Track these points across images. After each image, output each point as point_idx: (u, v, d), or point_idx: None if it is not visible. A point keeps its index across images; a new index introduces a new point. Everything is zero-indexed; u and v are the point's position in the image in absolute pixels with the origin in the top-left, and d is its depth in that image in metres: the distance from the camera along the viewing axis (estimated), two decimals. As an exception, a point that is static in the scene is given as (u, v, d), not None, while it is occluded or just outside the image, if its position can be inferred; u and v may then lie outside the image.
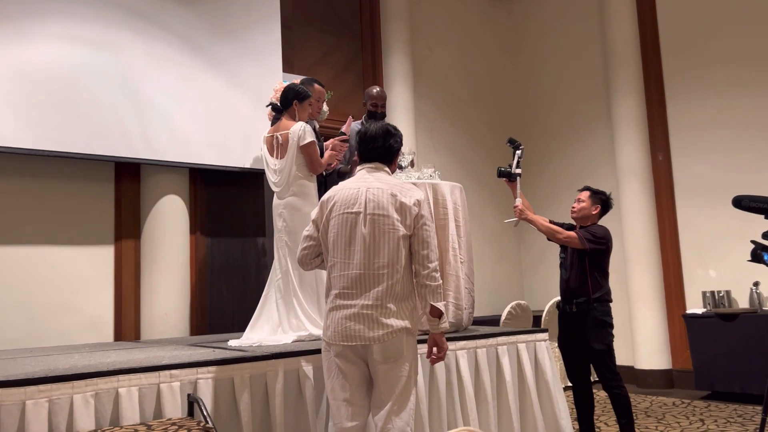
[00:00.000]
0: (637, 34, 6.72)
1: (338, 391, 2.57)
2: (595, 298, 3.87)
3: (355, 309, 2.52)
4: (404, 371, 2.54)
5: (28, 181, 4.84)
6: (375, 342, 2.49)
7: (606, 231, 3.97)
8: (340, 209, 2.63)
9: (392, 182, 2.69)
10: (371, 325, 2.50)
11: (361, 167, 2.78)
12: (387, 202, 2.59)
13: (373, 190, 2.63)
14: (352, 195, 2.64)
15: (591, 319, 3.86)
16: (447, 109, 7.64)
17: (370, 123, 2.83)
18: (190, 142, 5.25)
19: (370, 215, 2.58)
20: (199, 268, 5.52)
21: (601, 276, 3.92)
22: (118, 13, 5.04)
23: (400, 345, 2.53)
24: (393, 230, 2.57)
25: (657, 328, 6.32)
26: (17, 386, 2.35)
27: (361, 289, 2.54)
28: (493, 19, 8.24)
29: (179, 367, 2.70)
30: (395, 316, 2.52)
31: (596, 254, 3.89)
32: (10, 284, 4.66)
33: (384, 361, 2.52)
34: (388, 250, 2.55)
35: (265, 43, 5.73)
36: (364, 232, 2.56)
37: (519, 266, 8.04)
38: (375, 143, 2.74)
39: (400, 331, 2.52)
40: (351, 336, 2.51)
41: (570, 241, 3.92)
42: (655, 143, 6.59)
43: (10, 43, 4.56)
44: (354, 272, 2.56)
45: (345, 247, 2.59)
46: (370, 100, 4.76)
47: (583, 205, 4.05)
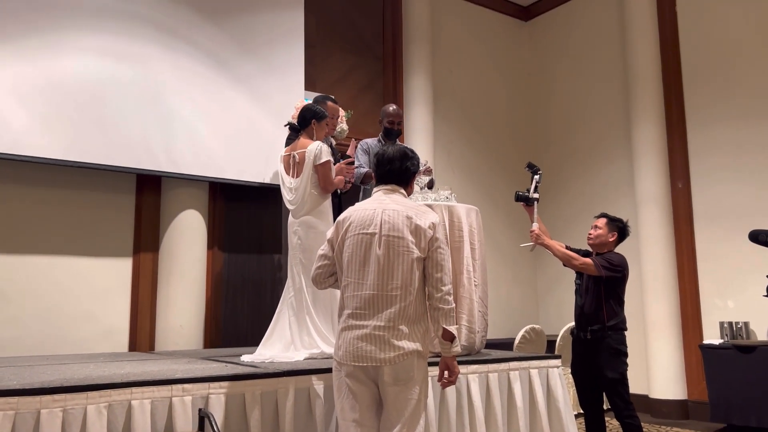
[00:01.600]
0: (659, 60, 6.71)
1: (348, 412, 2.56)
2: (610, 326, 3.85)
3: (367, 330, 2.53)
4: (414, 394, 2.54)
5: (52, 190, 4.93)
6: (386, 364, 2.49)
7: (622, 259, 3.95)
8: (356, 230, 2.65)
9: (408, 204, 2.71)
10: (382, 346, 2.50)
11: (377, 189, 2.80)
12: (402, 224, 2.60)
13: (389, 211, 2.64)
14: (368, 216, 2.65)
15: (605, 347, 3.84)
16: (466, 130, 7.66)
17: (388, 144, 2.86)
18: (211, 156, 5.32)
19: (385, 236, 2.59)
20: (215, 282, 5.57)
21: (616, 304, 3.90)
22: (146, 28, 5.15)
23: (411, 368, 2.53)
24: (407, 252, 2.57)
25: (673, 358, 6.23)
26: (33, 395, 2.39)
27: (373, 310, 2.54)
28: (514, 42, 8.29)
29: (192, 382, 2.73)
30: (407, 339, 2.52)
31: (612, 282, 3.88)
32: (31, 292, 4.74)
33: (394, 383, 2.51)
34: (402, 272, 2.56)
35: (287, 60, 5.82)
36: (379, 254, 2.58)
37: (534, 290, 7.99)
38: (392, 165, 2.76)
39: (411, 354, 2.52)
40: (362, 357, 2.52)
41: (586, 268, 3.91)
42: (675, 170, 6.55)
43: (40, 56, 4.68)
44: (367, 293, 2.56)
45: (359, 267, 2.61)
46: (386, 118, 4.80)
47: (600, 232, 4.04)
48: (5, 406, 2.33)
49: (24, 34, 4.63)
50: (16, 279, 4.70)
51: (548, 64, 8.16)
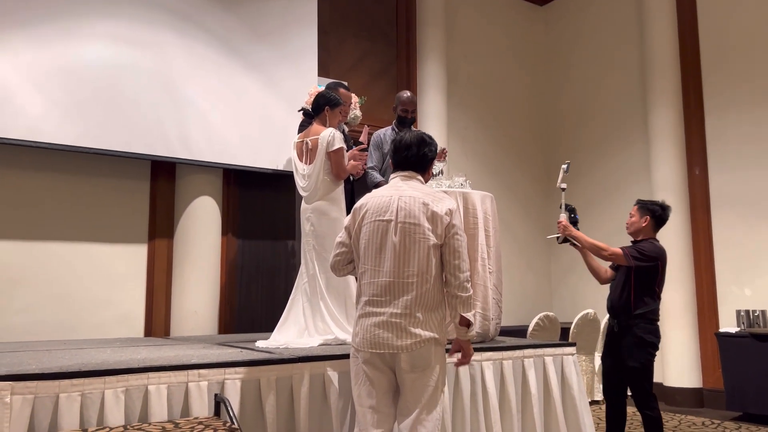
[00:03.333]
0: (677, 47, 6.61)
1: (365, 398, 2.56)
2: (637, 315, 3.80)
3: (384, 317, 2.53)
4: (431, 381, 2.53)
5: (68, 177, 4.96)
6: (403, 351, 2.49)
7: (656, 248, 3.85)
8: (372, 216, 2.63)
9: (425, 191, 2.68)
10: (399, 333, 2.50)
11: (394, 175, 2.78)
12: (419, 211, 2.58)
13: (405, 198, 2.62)
14: (384, 203, 2.64)
15: (630, 337, 3.81)
16: (480, 117, 7.61)
17: (405, 131, 2.83)
18: (225, 142, 5.33)
19: (401, 223, 2.57)
20: (229, 268, 5.59)
21: (646, 294, 3.82)
22: (160, 14, 5.15)
23: (428, 355, 2.52)
24: (424, 239, 2.55)
25: (688, 346, 6.19)
26: (52, 379, 2.42)
27: (390, 297, 2.53)
28: (529, 28, 8.20)
29: (207, 367, 2.74)
30: (423, 326, 2.52)
31: (643, 271, 3.81)
32: (47, 278, 4.79)
33: (411, 370, 2.51)
34: (418, 259, 2.54)
35: (301, 46, 5.80)
36: (395, 240, 2.56)
37: (548, 277, 7.96)
38: (409, 151, 2.74)
39: (428, 341, 2.51)
40: (379, 344, 2.52)
41: (615, 258, 3.86)
42: (692, 157, 6.47)
43: (56, 42, 4.69)
44: (383, 280, 2.56)
45: (375, 254, 2.60)
46: (400, 105, 4.77)
47: (633, 219, 3.98)
48: (24, 390, 2.35)
49: (39, 20, 4.64)
50: (32, 265, 4.74)
51: (564, 49, 8.06)
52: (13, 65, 4.52)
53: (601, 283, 4.18)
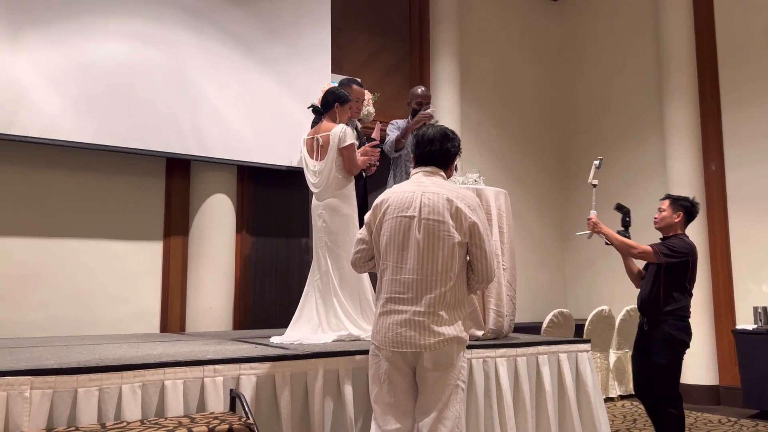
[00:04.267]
0: (693, 41, 6.54)
1: (385, 395, 2.54)
2: (666, 312, 3.77)
3: (407, 315, 2.49)
4: (452, 380, 2.51)
5: (84, 174, 5.01)
6: (426, 350, 2.47)
7: (686, 244, 3.81)
8: (394, 212, 2.59)
9: (448, 187, 2.63)
10: (423, 332, 2.47)
11: (416, 170, 2.72)
12: (443, 208, 2.54)
13: (429, 194, 2.57)
14: (407, 198, 2.59)
15: (658, 333, 3.79)
16: (493, 113, 7.58)
17: (427, 126, 2.80)
18: (239, 139, 5.36)
19: (425, 220, 2.53)
20: (243, 264, 5.63)
21: (676, 291, 3.79)
22: (174, 12, 5.18)
23: (451, 353, 2.50)
24: (448, 236, 2.52)
25: (704, 343, 6.14)
26: (70, 374, 2.45)
27: (413, 295, 2.50)
28: (543, 23, 8.14)
29: (223, 363, 2.76)
30: (447, 324, 2.49)
31: (673, 268, 3.78)
32: (65, 274, 4.85)
33: (434, 368, 2.49)
34: (443, 257, 2.51)
35: (314, 43, 5.81)
36: (418, 237, 2.52)
37: (562, 273, 7.93)
38: (432, 146, 2.68)
39: (451, 340, 2.49)
40: (402, 342, 2.49)
41: (645, 256, 3.82)
42: (709, 153, 6.40)
43: (72, 40, 4.74)
44: (406, 277, 2.52)
45: (398, 251, 2.56)
46: (414, 99, 4.77)
47: (664, 214, 3.91)
48: (43, 384, 2.38)
49: (56, 18, 4.69)
50: (50, 262, 4.80)
51: (578, 44, 8.01)
52: (31, 63, 4.57)
53: (637, 286, 4.11)
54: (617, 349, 6.41)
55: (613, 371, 6.31)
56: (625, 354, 6.43)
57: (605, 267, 7.23)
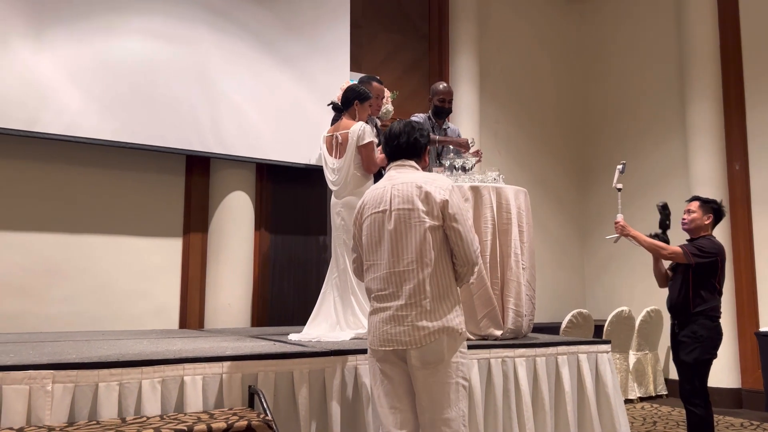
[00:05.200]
0: (717, 38, 6.44)
1: (383, 398, 2.46)
2: (696, 312, 3.78)
3: (390, 311, 2.42)
4: (447, 377, 2.37)
5: (106, 171, 5.06)
6: (411, 346, 2.36)
7: (714, 244, 3.83)
8: (369, 211, 2.57)
9: (419, 175, 2.57)
10: (407, 327, 2.37)
11: (389, 167, 2.68)
12: (412, 195, 2.47)
13: (398, 185, 2.52)
14: (379, 194, 2.56)
15: (689, 332, 3.80)
16: (512, 111, 7.53)
17: (394, 122, 2.78)
18: (258, 137, 5.37)
19: (396, 210, 2.47)
20: (262, 261, 5.65)
21: (707, 291, 3.80)
22: (195, 10, 5.21)
23: (440, 349, 2.36)
24: (419, 222, 2.43)
25: (727, 345, 6.01)
26: (91, 368, 2.47)
27: (394, 290, 2.42)
28: (564, 21, 8.07)
29: (242, 359, 2.77)
30: (433, 316, 2.37)
31: (702, 268, 3.79)
32: (86, 270, 4.90)
33: (423, 366, 2.37)
34: (414, 244, 2.41)
35: (333, 41, 5.81)
36: (390, 229, 2.46)
37: (582, 273, 7.85)
38: (399, 139, 2.63)
39: (438, 333, 2.36)
40: (388, 340, 2.41)
41: (675, 257, 3.84)
42: (732, 152, 6.30)
43: (94, 38, 4.78)
44: (384, 272, 2.46)
45: (376, 247, 2.51)
46: (436, 96, 4.73)
47: (695, 215, 3.93)
48: (65, 379, 2.41)
49: (79, 17, 4.74)
50: (72, 257, 4.86)
51: (599, 42, 7.92)
52: (54, 61, 4.62)
53: (661, 286, 4.14)
54: (637, 350, 6.35)
55: (632, 372, 6.24)
56: (645, 355, 6.36)
57: (625, 267, 7.15)
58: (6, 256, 4.63)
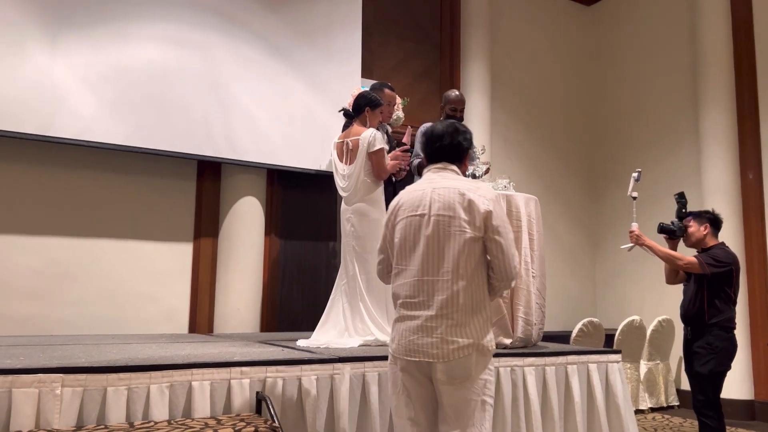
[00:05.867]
0: (731, 45, 6.39)
1: (403, 409, 2.37)
2: (711, 324, 3.77)
3: (419, 321, 2.31)
4: (473, 394, 2.28)
5: (118, 176, 5.10)
6: (439, 360, 2.26)
7: (728, 254, 3.85)
8: (405, 213, 2.45)
9: (461, 180, 2.46)
10: (436, 340, 2.27)
11: (428, 168, 2.57)
12: (454, 202, 2.35)
13: (439, 189, 2.40)
14: (418, 197, 2.44)
15: (703, 342, 3.79)
16: (524, 118, 7.51)
17: (436, 122, 2.72)
18: (269, 143, 5.39)
19: (435, 216, 2.36)
20: (271, 267, 5.66)
21: (721, 301, 3.79)
22: (208, 17, 5.24)
23: (468, 364, 2.27)
24: (460, 232, 2.32)
25: (740, 356, 5.89)
26: (100, 373, 2.48)
27: (425, 299, 2.32)
28: (576, 28, 8.05)
29: (250, 365, 2.77)
30: (463, 331, 2.28)
31: (717, 278, 3.79)
32: (97, 273, 4.93)
33: (449, 381, 2.28)
34: (452, 254, 2.31)
35: (345, 47, 5.83)
36: (428, 234, 2.35)
37: (593, 282, 7.80)
38: (442, 141, 2.52)
39: (468, 348, 2.27)
40: (414, 351, 2.31)
41: (691, 267, 3.84)
42: (746, 161, 6.24)
43: (108, 44, 4.83)
44: (416, 279, 2.35)
45: (409, 252, 2.40)
46: (448, 104, 4.71)
47: (692, 230, 3.99)
48: (74, 382, 2.42)
49: (93, 23, 4.78)
50: (83, 261, 4.89)
51: (612, 50, 7.89)
52: (69, 67, 4.67)
53: (668, 282, 4.17)
54: (648, 360, 6.29)
55: (643, 383, 6.18)
56: (656, 365, 6.30)
57: (636, 276, 7.10)
58: (18, 259, 4.67)
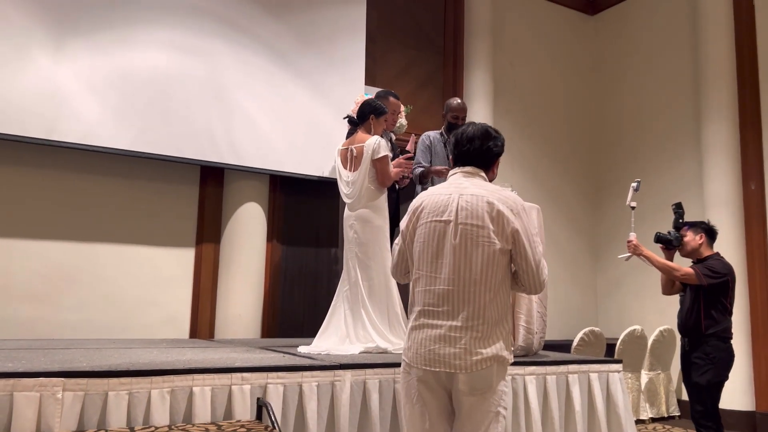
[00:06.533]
0: (734, 56, 6.40)
1: (417, 419, 2.30)
2: (708, 335, 3.78)
3: (442, 330, 2.25)
4: (493, 406, 2.25)
5: (120, 180, 5.11)
6: (462, 371, 2.21)
7: (725, 264, 3.88)
8: (428, 217, 2.36)
9: (489, 188, 2.37)
10: (459, 350, 2.22)
11: (454, 170, 2.47)
12: (482, 211, 2.28)
13: (467, 196, 2.32)
14: (443, 201, 2.35)
15: (701, 353, 3.80)
16: (526, 126, 7.52)
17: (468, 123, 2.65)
18: (272, 149, 5.41)
19: (462, 224, 2.29)
20: (273, 273, 5.66)
21: (718, 312, 3.81)
22: (211, 22, 5.26)
23: (490, 376, 2.24)
24: (488, 243, 2.26)
25: (741, 367, 5.93)
26: (101, 377, 2.48)
27: (449, 308, 2.26)
28: (579, 37, 8.07)
29: (251, 371, 2.77)
30: (487, 342, 2.24)
31: (714, 289, 3.81)
32: (98, 278, 4.93)
33: (470, 392, 2.23)
34: (482, 265, 2.25)
35: (348, 55, 5.85)
36: (455, 243, 2.28)
37: (594, 291, 7.79)
38: (472, 144, 2.44)
39: (491, 360, 2.23)
40: (435, 361, 2.24)
41: (688, 278, 3.86)
42: (748, 171, 6.24)
43: (113, 49, 4.84)
44: (441, 288, 2.28)
45: (432, 259, 2.32)
46: (450, 112, 4.73)
47: (687, 239, 4.01)
48: (75, 387, 2.42)
49: (98, 29, 4.80)
50: (84, 265, 4.89)
51: (615, 60, 7.91)
52: (73, 71, 4.69)
53: (664, 294, 4.18)
54: (649, 370, 6.27)
55: (644, 392, 6.17)
56: (657, 375, 6.28)
57: (638, 285, 7.08)
58: (20, 262, 4.68)
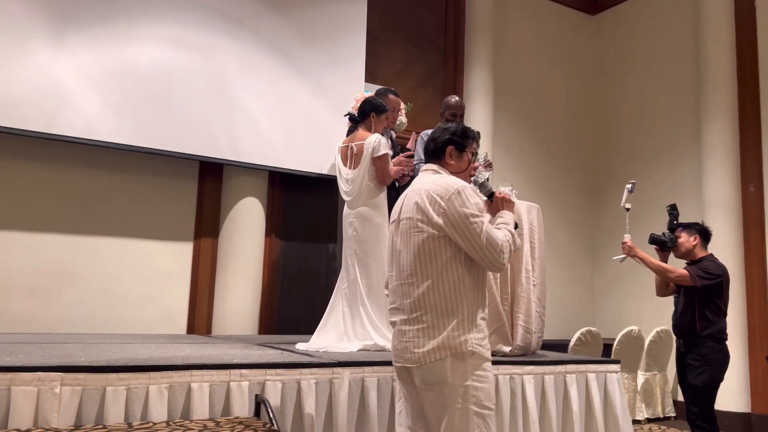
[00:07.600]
0: (735, 58, 6.40)
1: (403, 416, 2.36)
2: (704, 336, 3.79)
3: (397, 326, 2.32)
4: (451, 401, 2.15)
5: (120, 175, 5.09)
6: (413, 364, 2.21)
7: (718, 266, 3.89)
8: (390, 220, 2.52)
9: (433, 180, 2.34)
10: (408, 343, 2.24)
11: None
12: (413, 203, 2.31)
13: (410, 193, 2.39)
14: (398, 203, 2.47)
15: (696, 355, 3.81)
16: (526, 126, 7.52)
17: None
18: (271, 145, 5.40)
19: (402, 221, 2.36)
20: (271, 269, 5.65)
21: (712, 313, 3.82)
22: (212, 18, 5.25)
23: (442, 370, 2.15)
24: (417, 232, 2.27)
25: (737, 369, 5.95)
26: (99, 372, 2.47)
27: (399, 303, 2.31)
28: (580, 37, 8.07)
29: (249, 367, 2.77)
30: (433, 333, 2.18)
31: (708, 290, 3.82)
32: (96, 272, 4.92)
33: (426, 387, 2.20)
34: (414, 255, 2.26)
35: (349, 52, 5.84)
36: (397, 240, 2.37)
37: (591, 291, 7.80)
38: (428, 144, 2.51)
39: (438, 352, 2.16)
40: (397, 357, 2.31)
41: (682, 280, 3.87)
42: (747, 173, 6.25)
43: (113, 44, 4.83)
44: (394, 284, 2.37)
45: (390, 259, 2.44)
46: (448, 110, 4.73)
47: (681, 240, 4.02)
48: (73, 381, 2.41)
49: (98, 23, 4.79)
50: (83, 260, 4.88)
51: (615, 60, 7.91)
52: (74, 65, 4.67)
53: (658, 295, 4.19)
54: (646, 370, 6.28)
55: (640, 393, 6.18)
56: (653, 376, 6.30)
57: (635, 286, 7.09)
58: (18, 256, 4.66)
